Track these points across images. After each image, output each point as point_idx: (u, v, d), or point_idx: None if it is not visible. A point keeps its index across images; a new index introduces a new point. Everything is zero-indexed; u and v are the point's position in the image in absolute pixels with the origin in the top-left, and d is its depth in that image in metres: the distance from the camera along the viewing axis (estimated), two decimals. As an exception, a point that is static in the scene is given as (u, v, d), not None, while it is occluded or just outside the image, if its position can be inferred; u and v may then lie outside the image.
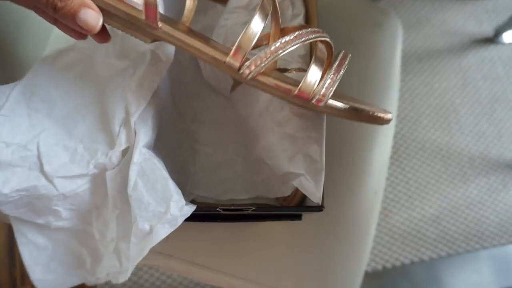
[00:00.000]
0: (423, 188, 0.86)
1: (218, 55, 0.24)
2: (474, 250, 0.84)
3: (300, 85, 0.25)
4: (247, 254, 0.40)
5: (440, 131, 0.89)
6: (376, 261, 0.82)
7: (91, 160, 0.27)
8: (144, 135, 0.27)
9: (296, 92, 0.25)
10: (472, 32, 0.94)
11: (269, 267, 0.41)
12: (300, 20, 0.36)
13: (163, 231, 0.26)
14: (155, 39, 0.25)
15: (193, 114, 0.39)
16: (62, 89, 0.28)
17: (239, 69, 0.24)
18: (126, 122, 0.27)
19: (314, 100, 0.25)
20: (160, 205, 0.26)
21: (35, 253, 0.31)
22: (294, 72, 0.34)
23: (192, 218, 0.39)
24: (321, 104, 0.25)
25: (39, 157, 0.27)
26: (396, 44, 0.51)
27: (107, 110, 0.28)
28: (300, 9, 0.36)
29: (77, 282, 0.32)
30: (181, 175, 0.37)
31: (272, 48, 0.24)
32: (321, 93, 0.25)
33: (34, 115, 0.27)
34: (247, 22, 0.35)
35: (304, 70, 0.35)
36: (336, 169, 0.44)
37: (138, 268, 0.72)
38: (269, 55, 0.24)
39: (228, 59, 0.24)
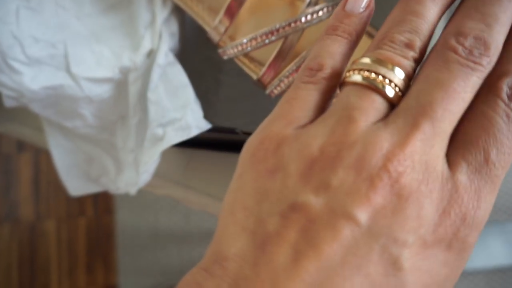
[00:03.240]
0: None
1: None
2: (502, 220, 0.81)
3: (260, 75, 0.26)
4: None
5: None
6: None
7: (117, 63, 0.27)
8: (170, 38, 0.27)
9: (255, 78, 0.27)
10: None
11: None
12: None
13: (175, 138, 0.26)
14: None
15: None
16: (90, -11, 0.28)
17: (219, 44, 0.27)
18: (151, 25, 0.27)
19: (268, 91, 0.27)
20: (177, 111, 0.27)
21: (64, 156, 0.32)
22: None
23: (211, 145, 0.39)
24: (273, 95, 0.27)
25: (66, 57, 0.27)
26: None
27: (134, 13, 0.28)
28: None
29: (101, 188, 0.34)
30: (202, 104, 0.37)
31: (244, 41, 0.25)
32: (274, 87, 0.26)
33: (62, 13, 0.27)
34: None
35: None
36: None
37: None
38: (251, 44, 0.25)
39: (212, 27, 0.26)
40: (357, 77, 0.12)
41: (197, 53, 0.38)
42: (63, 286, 0.73)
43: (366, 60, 0.13)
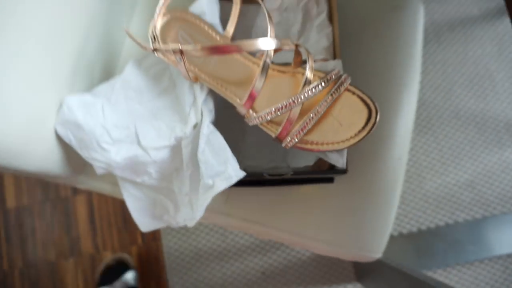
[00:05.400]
0: (457, 154, 0.89)
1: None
2: (511, 212, 0.86)
3: (277, 134, 0.35)
4: (291, 212, 0.49)
5: (474, 99, 0.91)
6: (411, 224, 0.88)
7: (172, 134, 0.38)
8: (209, 114, 0.37)
9: (274, 136, 0.36)
10: (507, -3, 0.93)
11: (309, 222, 0.48)
12: (323, 16, 0.43)
13: (221, 186, 0.36)
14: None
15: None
16: (147, 82, 0.39)
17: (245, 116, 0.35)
18: (194, 104, 0.37)
19: (283, 144, 0.35)
20: (221, 166, 0.36)
21: (135, 202, 0.43)
22: (320, 61, 0.41)
23: (245, 183, 0.48)
24: (287, 147, 0.35)
25: (136, 134, 0.38)
26: (417, 25, 0.54)
27: (180, 96, 0.38)
28: (323, 7, 0.43)
29: (164, 224, 0.44)
30: (233, 150, 0.47)
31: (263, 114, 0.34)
32: (287, 142, 0.35)
33: (130, 103, 0.38)
34: (279, 22, 0.43)
35: (327, 60, 0.42)
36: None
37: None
38: (271, 114, 0.34)
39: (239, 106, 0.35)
40: None
41: (225, 112, 0.48)
42: (122, 308, 0.84)
43: None
